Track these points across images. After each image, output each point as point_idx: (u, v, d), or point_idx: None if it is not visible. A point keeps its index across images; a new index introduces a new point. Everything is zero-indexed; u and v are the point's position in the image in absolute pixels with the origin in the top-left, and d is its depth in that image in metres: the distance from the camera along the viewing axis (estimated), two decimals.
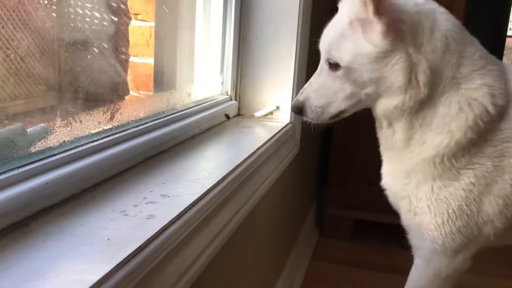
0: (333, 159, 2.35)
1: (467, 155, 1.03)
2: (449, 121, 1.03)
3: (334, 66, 1.07)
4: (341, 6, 1.11)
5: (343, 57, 1.04)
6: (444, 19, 1.05)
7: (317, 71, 1.14)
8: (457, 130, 1.02)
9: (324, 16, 1.20)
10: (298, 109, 1.15)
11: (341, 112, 1.12)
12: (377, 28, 0.99)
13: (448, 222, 1.04)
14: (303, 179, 2.09)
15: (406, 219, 1.13)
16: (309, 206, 2.33)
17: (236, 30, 1.54)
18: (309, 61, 1.68)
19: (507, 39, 6.01)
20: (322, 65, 1.12)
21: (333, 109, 1.11)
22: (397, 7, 1.01)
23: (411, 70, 1.01)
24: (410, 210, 1.10)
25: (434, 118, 1.04)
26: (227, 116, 1.29)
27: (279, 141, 1.41)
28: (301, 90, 1.16)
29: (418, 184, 1.07)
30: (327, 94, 1.10)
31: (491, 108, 1.02)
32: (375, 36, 1.00)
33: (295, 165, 1.69)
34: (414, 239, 1.14)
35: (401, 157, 1.11)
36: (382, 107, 1.08)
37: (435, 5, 1.08)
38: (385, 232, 2.42)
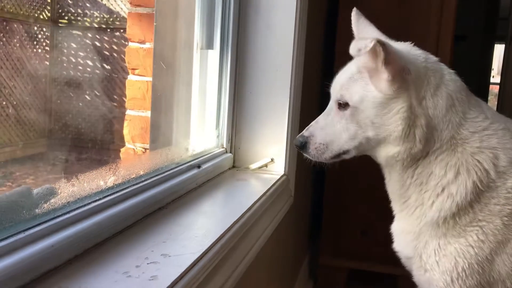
0: (326, 209, 2.36)
1: (470, 213, 1.03)
2: (447, 184, 1.04)
3: (343, 105, 1.11)
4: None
5: (352, 97, 1.09)
6: (451, 80, 1.09)
7: (325, 112, 1.18)
8: (457, 194, 1.03)
9: (315, 71, 1.26)
10: (301, 144, 1.17)
11: (343, 152, 1.15)
12: (383, 76, 1.04)
13: (458, 280, 1.03)
14: (297, 230, 2.10)
15: (417, 275, 1.12)
16: (303, 257, 2.33)
17: (231, 85, 1.59)
18: (302, 115, 1.73)
19: (491, 86, 6.20)
20: (332, 105, 1.16)
21: (336, 148, 1.14)
22: (404, 58, 1.06)
23: (410, 122, 1.04)
24: (420, 266, 1.09)
25: (430, 179, 1.06)
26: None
27: (274, 193, 1.43)
28: (307, 127, 1.19)
29: (426, 243, 1.08)
30: (333, 132, 1.14)
31: (492, 172, 1.03)
32: (381, 83, 1.05)
33: (289, 216, 1.70)
34: None
35: (405, 218, 1.12)
36: (382, 154, 1.11)
37: (444, 66, 1.12)
38: (379, 281, 2.42)
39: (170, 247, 0.86)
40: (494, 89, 7.17)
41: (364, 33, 1.21)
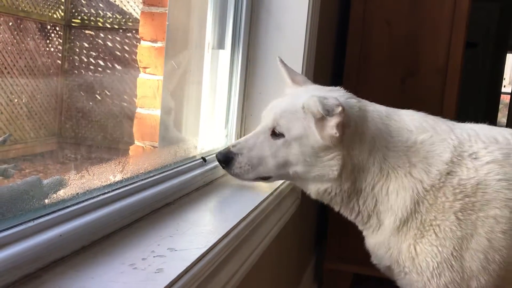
0: (332, 212, 2.35)
1: (419, 215, 1.08)
2: (392, 204, 1.11)
3: (277, 135, 1.12)
4: (289, 91, 1.23)
5: (291, 131, 1.11)
6: (372, 120, 1.14)
7: (256, 132, 1.17)
8: (399, 210, 1.09)
9: (326, 73, 1.27)
10: (226, 159, 1.16)
11: (267, 177, 1.18)
12: (331, 131, 1.06)
13: (433, 279, 1.07)
14: (303, 232, 2.09)
15: (399, 279, 1.17)
16: (308, 260, 2.32)
17: (241, 85, 1.60)
18: None
19: (501, 95, 6.17)
20: (264, 129, 1.15)
21: (261, 171, 1.16)
22: (346, 113, 1.07)
23: (343, 168, 1.10)
24: (400, 271, 1.14)
25: (379, 204, 1.13)
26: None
27: (281, 194, 1.43)
28: (234, 143, 1.19)
29: (398, 250, 1.12)
30: (261, 156, 1.14)
31: (426, 182, 1.08)
32: (326, 134, 1.07)
33: (296, 218, 1.70)
34: None
35: (372, 235, 1.18)
36: (312, 189, 1.17)
37: (366, 105, 1.17)
38: (384, 287, 2.40)
39: (176, 242, 0.86)
40: (505, 99, 7.14)
41: (295, 77, 1.29)
